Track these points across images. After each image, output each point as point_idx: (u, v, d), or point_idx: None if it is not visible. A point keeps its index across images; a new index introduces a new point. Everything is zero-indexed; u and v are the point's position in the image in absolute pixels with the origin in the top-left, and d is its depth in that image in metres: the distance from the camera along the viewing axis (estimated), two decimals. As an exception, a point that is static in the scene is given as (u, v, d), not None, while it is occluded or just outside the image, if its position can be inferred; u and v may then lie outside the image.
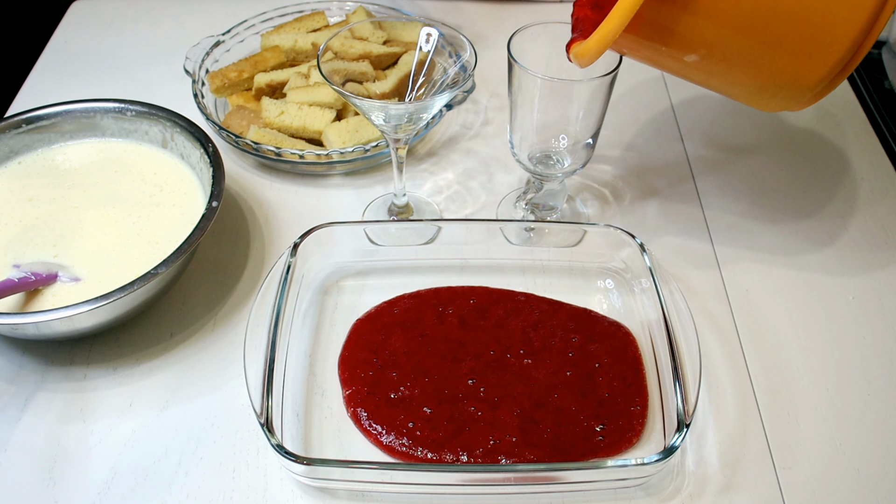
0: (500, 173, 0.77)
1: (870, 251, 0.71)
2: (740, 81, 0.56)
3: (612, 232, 0.65)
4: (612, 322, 0.63)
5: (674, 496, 0.54)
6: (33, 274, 0.61)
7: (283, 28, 0.85)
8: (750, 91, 0.57)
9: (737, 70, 0.55)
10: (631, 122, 0.83)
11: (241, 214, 0.73)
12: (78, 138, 0.71)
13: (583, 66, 0.55)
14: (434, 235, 0.69)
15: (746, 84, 0.56)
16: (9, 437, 0.57)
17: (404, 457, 0.55)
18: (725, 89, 0.59)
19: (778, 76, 0.54)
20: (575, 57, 0.55)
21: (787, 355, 0.63)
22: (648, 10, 0.49)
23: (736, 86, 0.57)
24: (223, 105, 0.81)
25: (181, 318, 0.64)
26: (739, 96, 0.59)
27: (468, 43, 0.62)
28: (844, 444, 0.57)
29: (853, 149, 0.81)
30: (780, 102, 0.57)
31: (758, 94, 0.57)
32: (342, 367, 0.60)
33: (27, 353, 0.62)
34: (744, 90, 0.58)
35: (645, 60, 0.59)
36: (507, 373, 0.59)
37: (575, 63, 0.55)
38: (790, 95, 0.56)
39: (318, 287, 0.66)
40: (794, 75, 0.54)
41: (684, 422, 0.52)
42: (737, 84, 0.57)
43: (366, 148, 0.72)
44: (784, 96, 0.56)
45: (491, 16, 0.97)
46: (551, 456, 0.54)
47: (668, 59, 0.57)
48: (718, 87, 0.59)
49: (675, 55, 0.56)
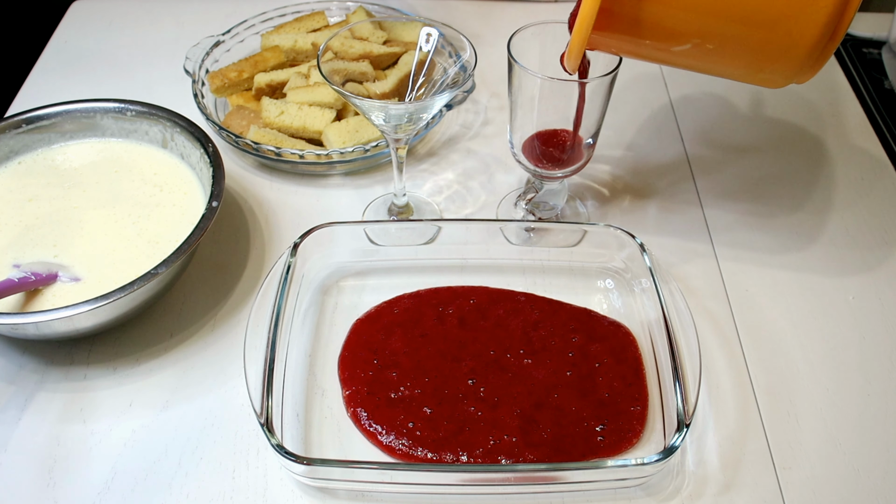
0: (500, 173, 0.77)
1: (870, 251, 0.71)
2: (734, 62, 0.56)
3: (612, 232, 0.65)
4: (612, 322, 0.63)
5: (674, 496, 0.54)
6: (33, 274, 0.61)
7: (283, 28, 0.85)
8: (747, 70, 0.57)
9: (725, 51, 0.54)
10: (631, 122, 0.83)
11: (241, 214, 0.73)
12: (78, 138, 0.71)
13: (570, 71, 0.56)
14: (434, 235, 0.69)
15: (740, 63, 0.56)
16: (9, 437, 0.57)
17: (404, 457, 0.55)
18: (724, 72, 0.58)
19: (767, 49, 0.53)
20: (564, 62, 0.56)
21: (788, 355, 0.63)
22: (613, 6, 0.50)
23: (732, 67, 0.57)
24: (223, 105, 0.81)
25: (181, 318, 0.64)
26: (740, 76, 0.58)
27: (468, 43, 0.62)
28: (844, 444, 0.57)
29: (853, 149, 0.81)
30: (781, 76, 0.56)
31: (756, 71, 0.56)
32: (342, 367, 0.60)
33: (27, 353, 0.62)
34: (741, 70, 0.57)
35: (634, 55, 0.59)
36: (507, 373, 0.59)
37: (566, 67, 0.56)
38: (788, 67, 0.54)
39: (318, 287, 0.66)
40: (783, 46, 0.52)
41: (684, 422, 0.52)
42: (732, 65, 0.56)
43: (366, 148, 0.72)
44: (782, 69, 0.55)
45: (491, 15, 0.97)
46: (551, 456, 0.54)
47: (652, 51, 0.57)
48: (716, 70, 0.58)
49: (656, 46, 0.56)
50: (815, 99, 0.86)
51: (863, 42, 0.94)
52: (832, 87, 0.88)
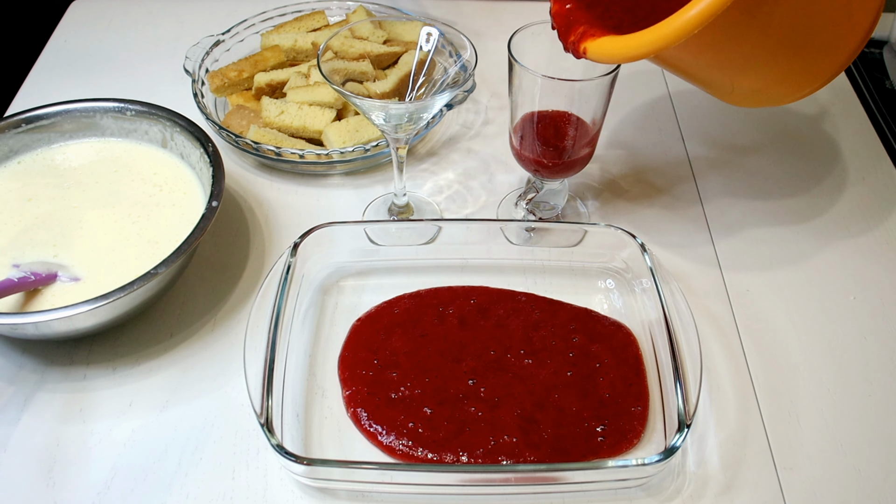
0: (501, 173, 0.77)
1: (871, 251, 0.71)
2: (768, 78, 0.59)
3: (613, 232, 0.65)
4: (612, 322, 0.63)
5: (674, 496, 0.54)
6: (33, 274, 0.60)
7: (283, 27, 0.85)
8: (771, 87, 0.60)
9: (768, 69, 0.58)
10: (631, 122, 0.83)
11: (241, 214, 0.73)
12: (77, 138, 0.71)
13: (601, 62, 0.56)
14: (434, 235, 0.69)
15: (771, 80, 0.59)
16: (8, 437, 0.57)
17: (404, 457, 0.55)
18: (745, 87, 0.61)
19: (807, 70, 0.58)
20: (595, 54, 0.55)
21: (788, 355, 0.63)
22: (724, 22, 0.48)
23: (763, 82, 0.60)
24: (223, 105, 0.81)
25: (181, 318, 0.64)
26: (759, 92, 0.61)
27: (469, 42, 0.62)
28: (845, 445, 0.57)
29: (854, 148, 0.81)
30: (792, 94, 0.61)
31: (776, 88, 0.60)
32: (342, 367, 0.60)
33: (27, 353, 0.62)
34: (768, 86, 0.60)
35: (670, 67, 0.60)
36: (507, 373, 0.59)
37: (588, 59, 0.55)
38: (805, 86, 0.60)
39: (318, 287, 0.66)
40: (820, 69, 0.58)
41: (685, 422, 0.52)
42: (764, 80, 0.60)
43: (366, 148, 0.72)
44: (799, 88, 0.60)
45: (491, 15, 0.97)
46: (552, 456, 0.54)
47: (703, 68, 0.59)
48: (739, 85, 0.61)
49: (717, 64, 0.57)
50: (817, 99, 0.86)
51: (864, 42, 0.94)
52: (833, 86, 0.88)
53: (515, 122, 0.65)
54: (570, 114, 0.63)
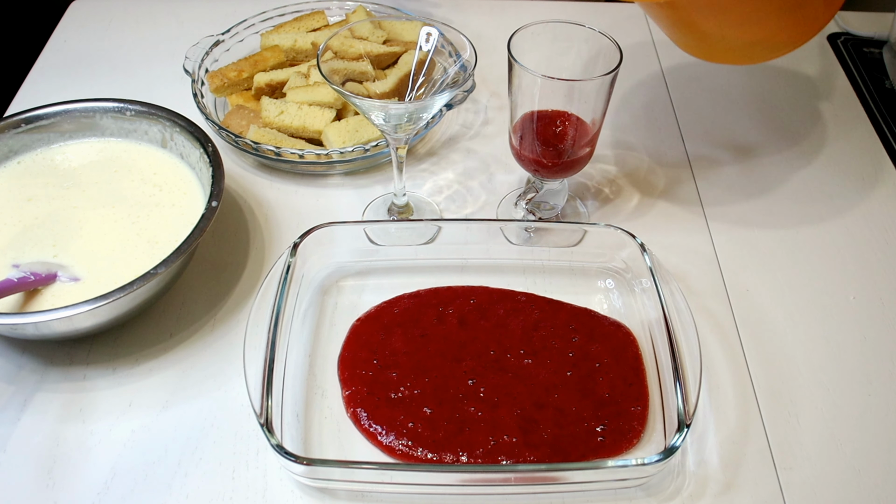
0: (501, 173, 0.77)
1: (871, 251, 0.71)
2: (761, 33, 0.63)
3: (613, 232, 0.65)
4: (612, 322, 0.63)
5: (674, 496, 0.54)
6: (33, 274, 0.60)
7: (283, 27, 0.85)
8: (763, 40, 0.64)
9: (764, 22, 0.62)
10: (631, 122, 0.83)
11: (240, 214, 0.73)
12: (77, 138, 0.71)
13: None
14: (434, 235, 0.69)
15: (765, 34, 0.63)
16: (8, 437, 0.57)
17: (404, 457, 0.55)
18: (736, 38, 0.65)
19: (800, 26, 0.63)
20: None
21: (788, 355, 0.63)
22: None
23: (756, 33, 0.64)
24: (223, 105, 0.81)
25: (181, 318, 0.64)
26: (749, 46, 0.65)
27: (468, 42, 0.62)
28: (845, 444, 0.57)
29: (854, 148, 0.81)
30: (789, 44, 0.66)
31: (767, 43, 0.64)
32: (342, 367, 0.60)
33: (27, 353, 0.62)
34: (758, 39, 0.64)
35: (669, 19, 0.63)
36: (507, 373, 0.59)
37: None
38: (791, 44, 0.65)
39: (317, 287, 0.66)
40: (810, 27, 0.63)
41: (685, 422, 0.52)
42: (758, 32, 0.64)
43: (366, 148, 0.72)
44: (786, 46, 0.65)
45: (491, 15, 0.97)
46: (551, 456, 0.54)
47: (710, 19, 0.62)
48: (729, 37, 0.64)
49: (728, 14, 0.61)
50: (816, 98, 0.86)
51: (863, 41, 0.94)
52: (833, 86, 0.88)
53: (515, 121, 0.65)
54: (569, 114, 0.63)
